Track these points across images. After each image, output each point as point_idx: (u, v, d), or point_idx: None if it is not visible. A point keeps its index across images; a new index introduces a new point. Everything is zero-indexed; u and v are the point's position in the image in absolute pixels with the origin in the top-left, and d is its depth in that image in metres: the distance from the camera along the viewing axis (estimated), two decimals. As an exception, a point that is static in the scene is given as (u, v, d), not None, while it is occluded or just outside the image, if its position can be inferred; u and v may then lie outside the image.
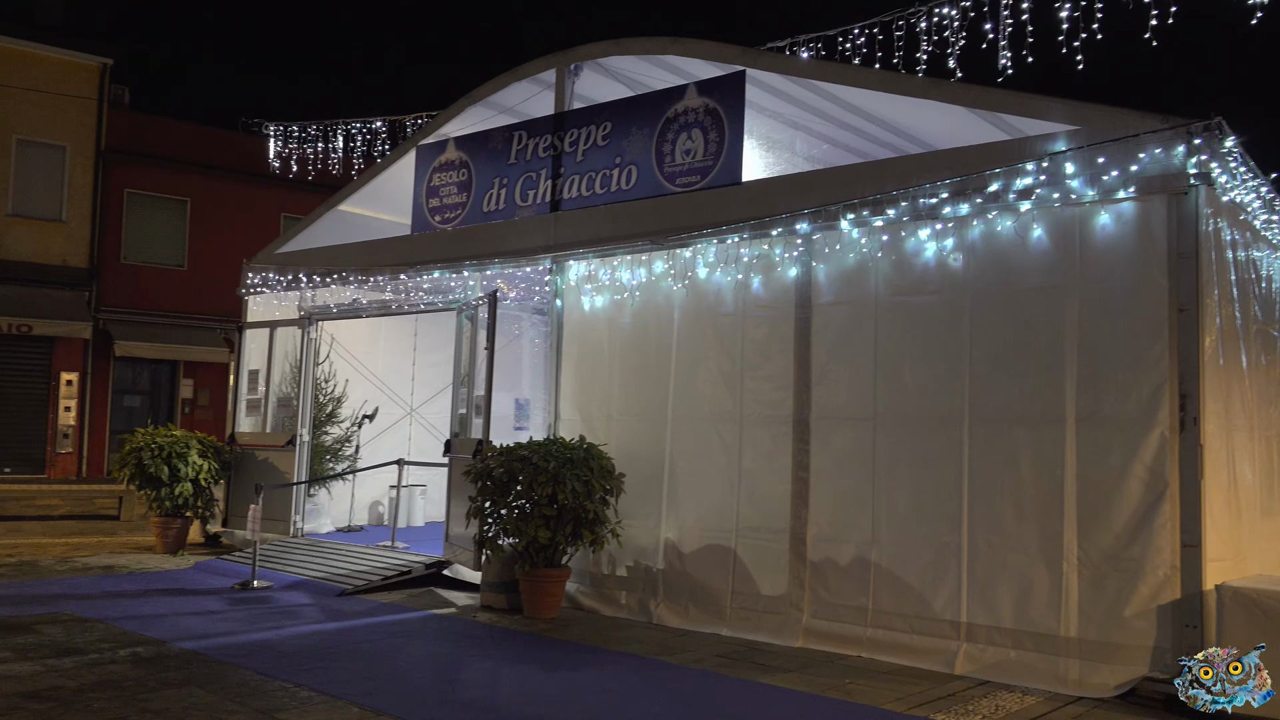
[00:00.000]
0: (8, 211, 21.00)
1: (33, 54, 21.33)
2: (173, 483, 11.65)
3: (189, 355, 22.80)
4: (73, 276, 21.57)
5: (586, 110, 10.03)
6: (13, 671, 6.34)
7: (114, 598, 9.06)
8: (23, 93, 21.07)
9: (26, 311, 20.34)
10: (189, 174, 23.32)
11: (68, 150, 21.69)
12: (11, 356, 20.98)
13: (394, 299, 11.83)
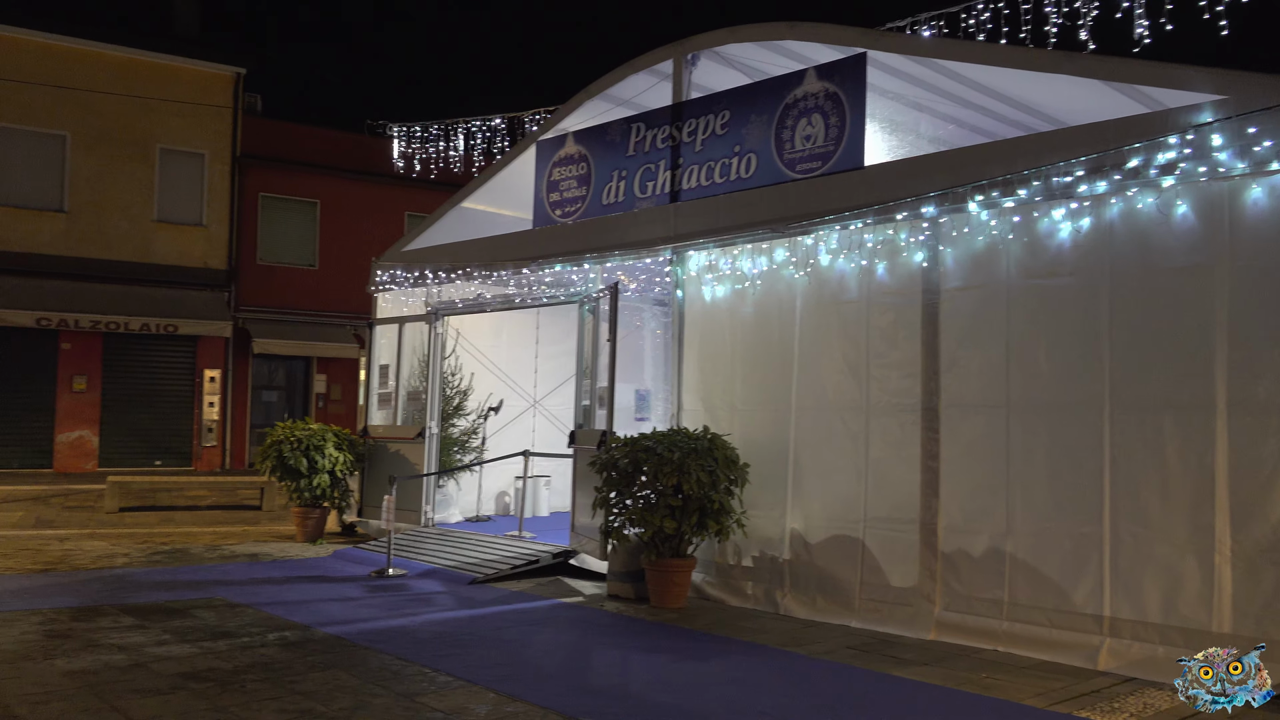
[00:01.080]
0: (153, 217, 22.16)
1: (173, 66, 22.44)
2: (311, 474, 12.12)
3: (321, 351, 23.69)
4: (213, 278, 22.64)
5: (704, 100, 10.00)
6: (172, 653, 6.71)
7: (260, 584, 9.48)
8: (165, 104, 22.19)
9: (173, 312, 21.45)
10: (318, 176, 24.19)
11: (206, 157, 22.75)
12: (160, 355, 22.18)
13: (517, 293, 12.03)
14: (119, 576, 9.66)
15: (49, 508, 15.24)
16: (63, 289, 20.76)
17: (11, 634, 7.11)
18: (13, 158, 20.90)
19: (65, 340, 21.10)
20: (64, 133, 21.36)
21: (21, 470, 20.52)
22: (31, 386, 20.95)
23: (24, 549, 11.26)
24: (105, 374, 21.60)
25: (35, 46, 21.05)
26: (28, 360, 20.76)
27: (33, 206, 20.95)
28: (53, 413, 21.17)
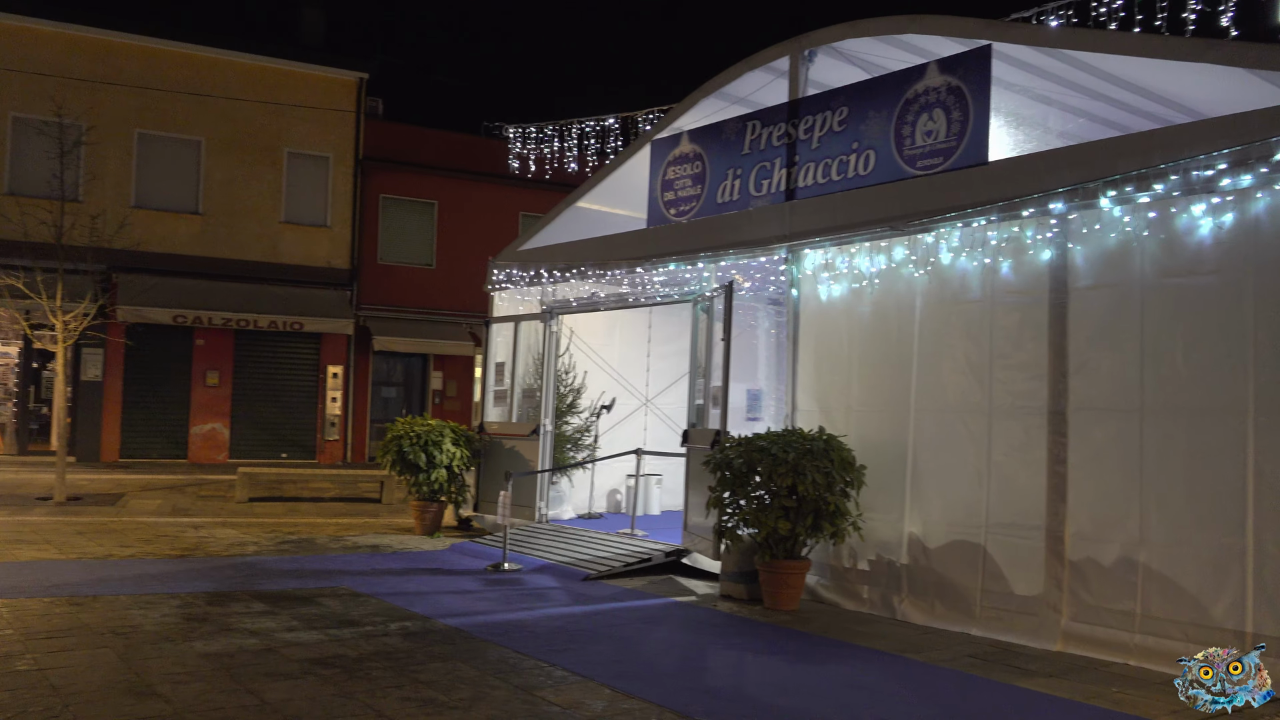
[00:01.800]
0: (281, 219, 23.02)
1: (300, 73, 23.25)
2: (429, 469, 12.41)
3: (438, 349, 24.24)
4: (336, 277, 23.39)
5: (821, 96, 9.87)
6: (301, 639, 6.95)
7: (381, 575, 9.75)
8: (292, 109, 23.02)
9: (299, 310, 22.24)
10: (436, 178, 24.76)
11: (331, 160, 23.52)
12: (286, 352, 23.03)
13: (630, 292, 12.09)
14: (250, 564, 10.06)
15: (184, 496, 15.97)
16: (197, 288, 21.72)
17: (153, 615, 7.47)
18: (153, 163, 21.98)
19: (199, 337, 22.09)
20: (199, 138, 22.35)
21: (159, 460, 21.56)
22: (168, 381, 22.00)
23: (162, 535, 11.82)
24: (236, 369, 22.55)
25: (175, 56, 22.08)
26: (165, 356, 21.80)
27: (170, 209, 21.99)
28: (188, 406, 22.19)
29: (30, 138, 19.39)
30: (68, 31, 21.18)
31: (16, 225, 16.13)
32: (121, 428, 21.53)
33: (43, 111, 18.65)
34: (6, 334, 21.44)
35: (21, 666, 5.99)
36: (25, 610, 7.51)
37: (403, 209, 24.64)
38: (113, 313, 19.83)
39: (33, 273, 14.64)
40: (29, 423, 21.65)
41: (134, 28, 21.82)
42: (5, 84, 20.56)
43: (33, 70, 20.61)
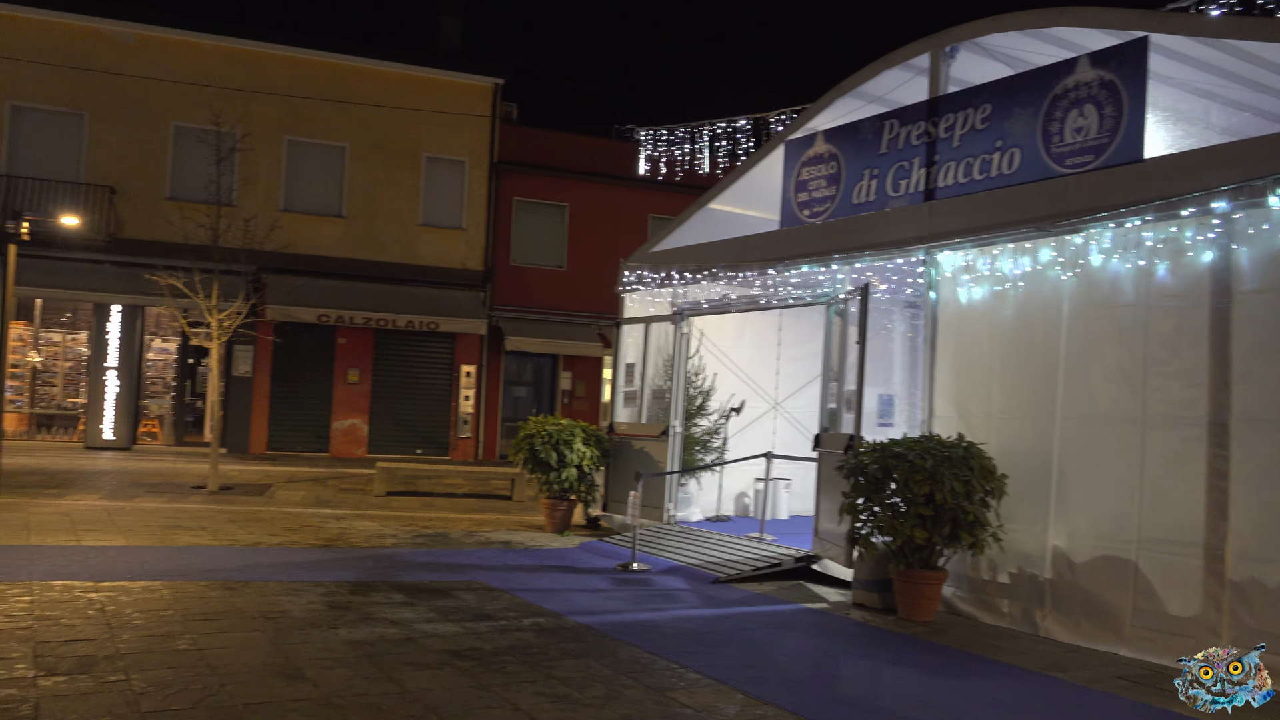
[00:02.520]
0: (419, 222, 23.72)
1: (438, 80, 23.93)
2: (560, 468, 12.57)
3: (567, 350, 24.58)
4: (470, 278, 23.98)
5: (963, 93, 9.60)
6: (438, 631, 7.12)
7: (513, 571, 9.92)
8: (431, 115, 23.71)
9: (435, 310, 22.89)
10: (567, 181, 25.13)
11: (467, 165, 24.13)
12: (422, 351, 23.74)
13: (762, 294, 12.00)
14: (388, 555, 10.37)
15: (326, 489, 16.60)
16: (339, 288, 22.58)
17: (300, 602, 7.78)
18: (301, 168, 22.97)
19: (341, 335, 22.96)
20: (344, 144, 23.24)
21: (303, 453, 22.49)
22: (312, 377, 22.94)
23: (307, 526, 12.30)
24: (375, 367, 23.35)
25: (322, 65, 23.01)
26: (309, 353, 22.73)
27: (316, 212, 22.93)
28: (329, 402, 23.08)
29: (190, 145, 20.52)
30: (224, 44, 22.31)
31: (177, 228, 17.06)
32: (269, 422, 22.56)
33: (201, 120, 19.69)
34: (166, 331, 22.73)
35: (181, 646, 6.31)
36: (184, 593, 7.92)
37: (535, 211, 25.09)
38: (262, 312, 20.80)
39: (191, 273, 15.46)
40: (185, 415, 22.88)
41: (284, 39, 22.84)
42: (168, 95, 21.79)
43: (192, 81, 21.77)
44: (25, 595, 7.50)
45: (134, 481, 15.73)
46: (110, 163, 21.59)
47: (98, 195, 21.23)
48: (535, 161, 24.88)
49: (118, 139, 21.67)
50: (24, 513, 11.77)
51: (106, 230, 20.95)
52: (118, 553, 9.62)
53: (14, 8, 21.00)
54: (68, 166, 21.38)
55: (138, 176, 21.70)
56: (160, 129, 21.90)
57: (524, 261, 24.87)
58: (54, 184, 20.92)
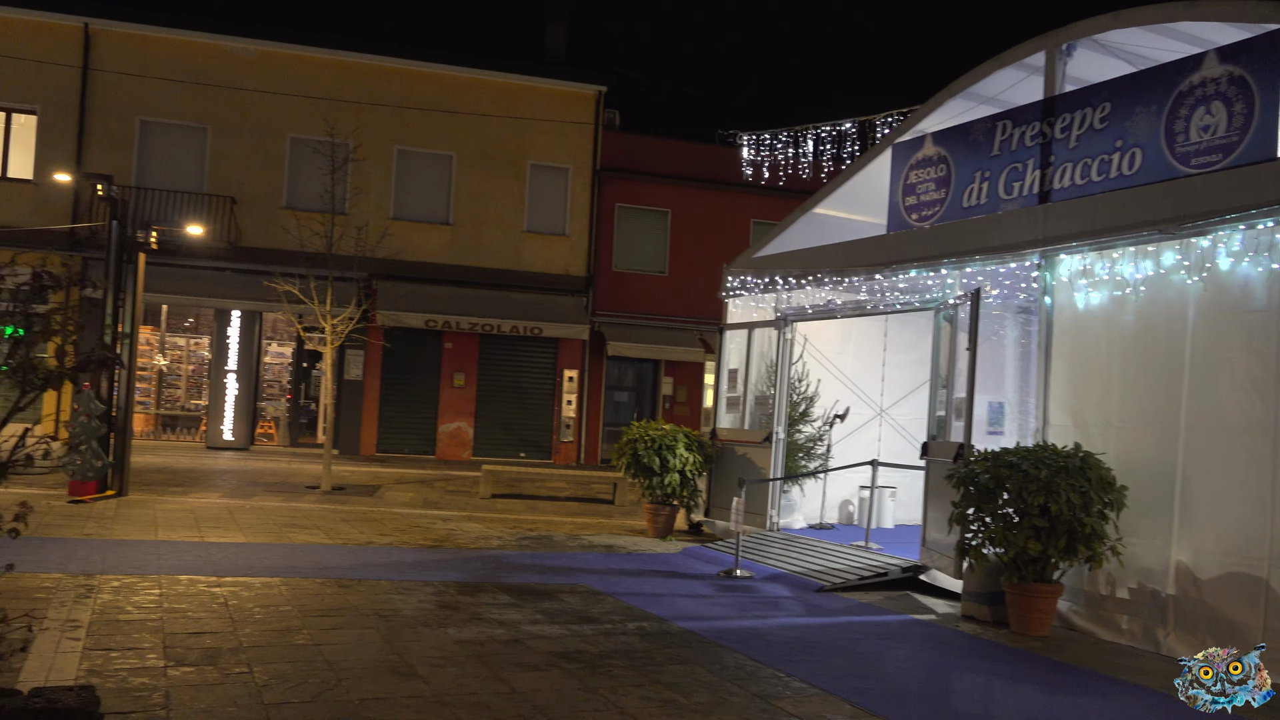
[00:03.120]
0: (523, 228, 24.09)
1: (542, 88, 24.28)
2: (663, 473, 12.60)
3: (669, 355, 24.63)
4: (573, 284, 24.23)
5: (1080, 92, 9.31)
6: (545, 632, 7.20)
7: (617, 574, 9.97)
8: (535, 123, 24.06)
9: (538, 316, 23.20)
10: (669, 187, 25.21)
11: (570, 171, 24.40)
12: (526, 355, 24.09)
13: (868, 299, 11.83)
14: (495, 557, 10.54)
15: (433, 490, 16.96)
16: (446, 294, 23.07)
17: (411, 601, 7.96)
18: (410, 177, 23.56)
19: (448, 340, 23.45)
20: (451, 153, 23.75)
21: (410, 455, 23.03)
22: (419, 381, 23.48)
23: (415, 526, 12.58)
24: (480, 371, 23.78)
25: (430, 76, 23.57)
26: (417, 358, 23.28)
27: (424, 220, 23.48)
28: (436, 405, 23.59)
29: (305, 156, 21.22)
30: (338, 58, 23.03)
31: (293, 236, 17.66)
32: (378, 424, 23.17)
33: (316, 132, 20.36)
34: (282, 336, 23.56)
35: (300, 640, 6.52)
36: (301, 589, 8.18)
37: (637, 217, 25.23)
38: (373, 317, 21.38)
39: (306, 280, 15.98)
40: (299, 417, 23.65)
41: (395, 52, 23.47)
42: (285, 108, 22.59)
43: (308, 95, 22.53)
44: (155, 589, 7.85)
45: (252, 481, 16.32)
46: (231, 174, 22.48)
47: (219, 205, 22.13)
48: (637, 168, 25.02)
49: (238, 151, 22.56)
50: (152, 509, 12.32)
51: (227, 239, 21.81)
52: (238, 549, 9.99)
53: (144, 28, 22.05)
54: (192, 178, 22.34)
55: (256, 187, 22.55)
56: (278, 141, 22.71)
57: (626, 267, 25.02)
58: (179, 195, 21.88)
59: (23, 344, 3.05)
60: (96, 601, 7.26)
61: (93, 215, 20.76)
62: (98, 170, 19.32)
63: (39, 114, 21.63)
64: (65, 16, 21.64)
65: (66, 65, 21.63)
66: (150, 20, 22.17)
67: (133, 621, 6.74)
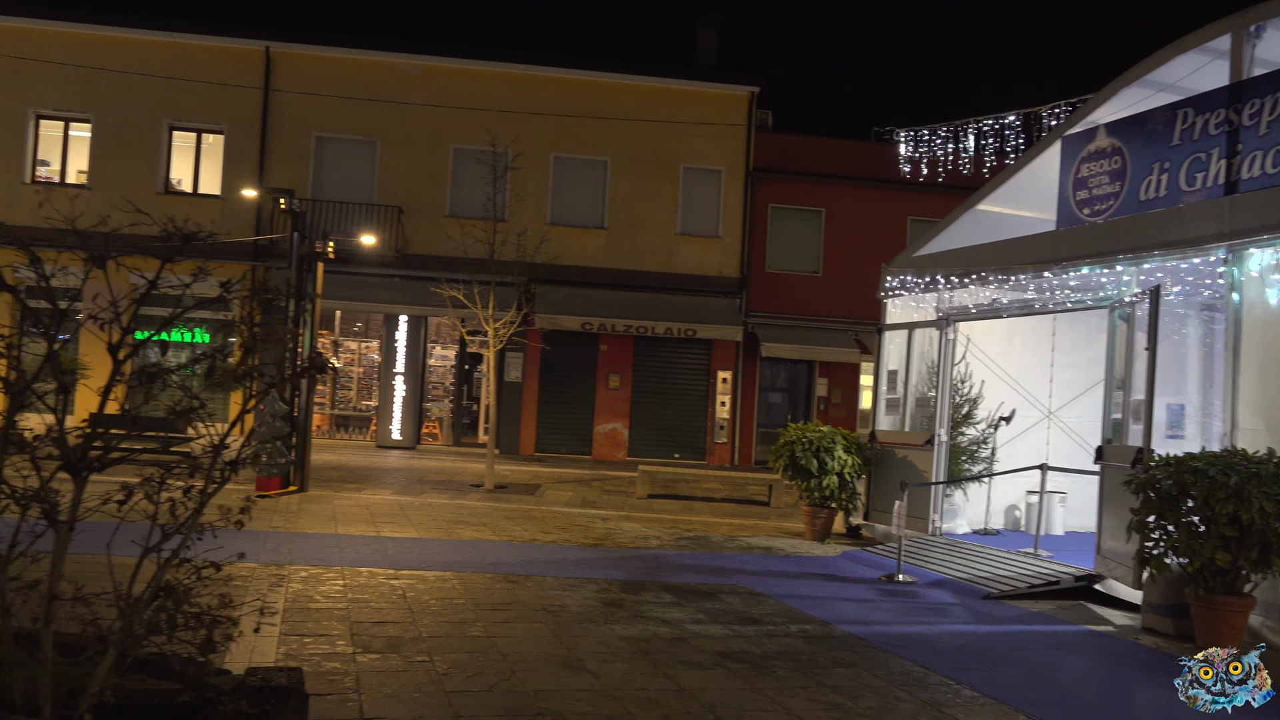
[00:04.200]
0: (676, 231, 24.28)
1: (695, 91, 24.41)
2: (820, 475, 12.50)
3: (823, 356, 24.37)
4: (726, 285, 24.26)
5: (1271, 76, 8.76)
6: (707, 632, 7.27)
7: (776, 576, 9.96)
8: (687, 126, 24.21)
9: (692, 318, 23.34)
10: (823, 186, 24.94)
11: (723, 173, 24.45)
12: (680, 357, 24.26)
13: (1036, 298, 11.43)
14: (654, 556, 10.68)
15: (591, 490, 17.29)
16: (601, 297, 23.48)
17: (576, 598, 8.17)
18: (566, 183, 24.09)
19: (603, 342, 23.85)
20: (605, 158, 24.16)
21: (567, 455, 23.53)
22: (576, 382, 23.97)
23: (576, 524, 12.88)
24: (635, 373, 24.09)
25: (585, 84, 24.04)
26: (573, 360, 23.77)
27: (580, 225, 23.96)
28: (592, 406, 24.03)
29: (467, 165, 22.02)
30: (498, 69, 23.77)
31: (457, 243, 18.33)
32: (536, 424, 23.77)
33: (477, 142, 21.07)
34: (445, 339, 24.47)
35: (474, 632, 6.80)
36: (472, 583, 8.50)
37: (790, 217, 25.07)
38: (531, 320, 21.95)
39: (470, 285, 16.56)
40: (462, 417, 24.50)
41: (552, 61, 24.05)
42: (448, 120, 23.46)
43: (470, 106, 23.33)
44: (339, 579, 8.31)
45: (420, 479, 17.01)
46: (398, 185, 23.49)
47: (387, 215, 23.16)
48: (790, 168, 24.86)
49: (405, 163, 23.55)
50: (330, 504, 13.01)
51: (395, 247, 22.80)
52: (411, 544, 10.46)
53: (319, 49, 23.29)
54: (362, 189, 23.46)
55: (422, 196, 23.49)
56: (441, 152, 23.60)
57: (779, 268, 24.88)
58: (351, 206, 23.01)
59: (252, 350, 3.32)
60: (288, 590, 7.74)
61: (273, 227, 22.07)
62: (277, 185, 20.55)
63: (225, 133, 23.14)
64: (248, 41, 23.09)
65: (250, 87, 23.06)
66: (324, 41, 23.41)
67: (321, 610, 7.16)
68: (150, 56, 22.74)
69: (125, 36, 22.80)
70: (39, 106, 22.70)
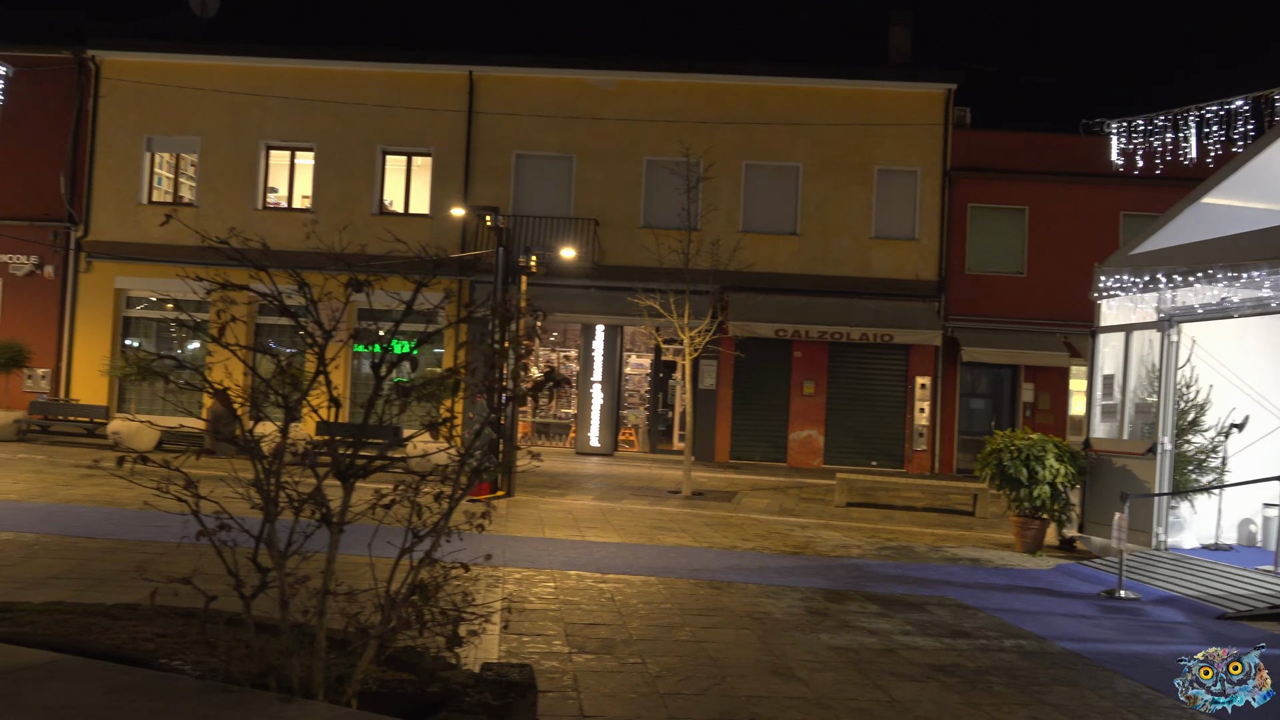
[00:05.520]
0: (871, 235, 23.85)
1: (888, 92, 23.93)
2: (1030, 484, 12.00)
3: (1028, 360, 23.35)
4: (924, 289, 23.64)
5: None
6: (917, 644, 7.14)
7: (985, 589, 9.65)
8: (881, 128, 23.77)
9: (888, 323, 22.86)
10: (1026, 183, 23.91)
11: (919, 174, 23.84)
12: (876, 363, 23.80)
13: (1272, 295, 10.60)
14: (856, 566, 10.55)
15: (787, 498, 17.22)
16: (794, 303, 23.33)
17: (781, 605, 8.18)
18: (758, 190, 24.10)
19: (797, 349, 23.68)
20: (797, 164, 24.02)
21: (761, 463, 23.50)
22: (769, 390, 23.90)
23: (774, 532, 12.87)
24: (830, 379, 23.80)
25: (775, 90, 24.00)
26: (767, 367, 23.72)
27: (772, 231, 23.91)
28: (786, 413, 23.90)
29: (660, 177, 22.36)
30: (689, 81, 24.06)
31: (652, 253, 18.68)
32: (731, 431, 23.85)
33: (670, 153, 21.37)
34: (640, 348, 24.92)
35: (682, 636, 6.93)
36: (676, 589, 8.66)
37: (991, 217, 24.16)
38: (725, 328, 22.05)
39: (665, 294, 16.83)
40: (658, 425, 24.89)
41: (741, 70, 24.14)
42: (641, 133, 23.92)
43: (661, 119, 23.71)
44: (550, 581, 8.64)
45: (618, 485, 17.41)
46: (594, 198, 24.13)
47: (584, 228, 23.82)
48: (990, 165, 23.97)
49: (600, 176, 24.17)
50: (536, 509, 13.52)
51: (591, 258, 23.42)
52: (615, 548, 10.74)
53: (517, 70, 24.26)
54: (559, 204, 24.23)
55: (617, 208, 24.03)
56: (635, 164, 24.08)
57: (980, 270, 24.02)
58: (548, 220, 23.81)
59: (497, 362, 3.55)
60: (503, 591, 8.12)
61: (478, 243, 23.10)
62: (481, 202, 21.49)
63: (433, 155, 24.41)
64: (453, 67, 24.29)
65: (454, 110, 24.25)
66: (522, 63, 24.36)
67: (536, 610, 7.47)
68: (364, 86, 24.29)
69: (342, 69, 24.44)
70: (269, 138, 24.62)
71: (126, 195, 24.54)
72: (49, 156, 24.48)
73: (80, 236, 24.40)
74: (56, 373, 24.28)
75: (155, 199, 25.00)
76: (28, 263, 24.39)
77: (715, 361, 23.32)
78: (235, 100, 24.36)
